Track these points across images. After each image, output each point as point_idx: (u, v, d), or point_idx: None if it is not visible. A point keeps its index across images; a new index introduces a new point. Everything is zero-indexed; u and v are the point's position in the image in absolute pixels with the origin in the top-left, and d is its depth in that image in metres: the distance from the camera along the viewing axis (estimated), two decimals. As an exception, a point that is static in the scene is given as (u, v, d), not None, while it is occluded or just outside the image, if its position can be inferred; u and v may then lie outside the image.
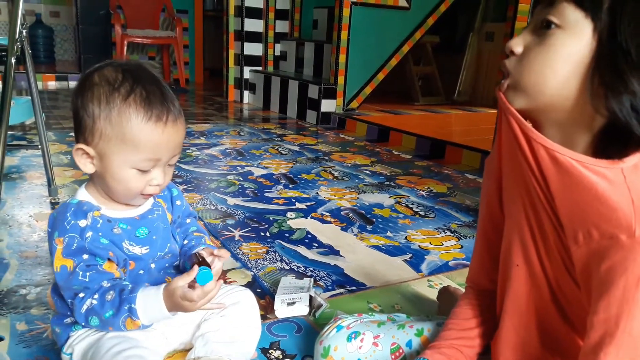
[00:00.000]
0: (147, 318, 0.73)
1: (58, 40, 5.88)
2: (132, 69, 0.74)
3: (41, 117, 1.72)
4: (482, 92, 4.52)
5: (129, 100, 0.71)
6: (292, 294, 1.08)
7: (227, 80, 4.37)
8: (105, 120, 0.71)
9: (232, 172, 2.18)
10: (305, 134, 3.16)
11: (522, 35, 0.58)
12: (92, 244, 0.73)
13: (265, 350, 0.95)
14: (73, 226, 0.73)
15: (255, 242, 1.46)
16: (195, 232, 0.90)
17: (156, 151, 0.73)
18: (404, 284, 1.26)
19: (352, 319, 0.85)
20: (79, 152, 0.74)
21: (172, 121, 0.73)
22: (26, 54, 1.60)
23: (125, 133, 0.71)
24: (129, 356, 0.73)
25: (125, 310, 0.72)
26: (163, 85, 0.75)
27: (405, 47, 3.80)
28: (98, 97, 0.71)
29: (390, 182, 2.15)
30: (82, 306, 0.73)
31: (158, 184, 0.76)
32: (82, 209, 0.75)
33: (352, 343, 0.80)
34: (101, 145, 0.72)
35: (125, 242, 0.77)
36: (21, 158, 2.19)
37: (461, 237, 1.58)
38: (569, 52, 0.53)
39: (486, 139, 2.73)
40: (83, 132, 0.73)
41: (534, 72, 0.56)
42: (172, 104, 0.74)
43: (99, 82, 0.72)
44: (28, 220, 1.51)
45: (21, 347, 0.91)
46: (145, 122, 0.71)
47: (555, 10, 0.54)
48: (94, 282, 0.73)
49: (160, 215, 0.83)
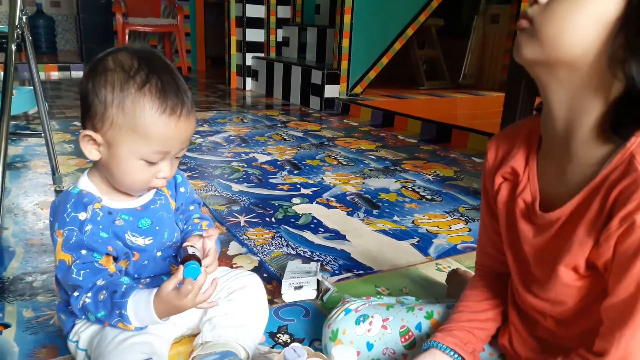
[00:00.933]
0: (139, 323, 0.72)
1: (59, 30, 5.85)
2: (147, 57, 0.71)
3: (44, 105, 1.71)
4: (488, 76, 4.47)
5: (144, 90, 0.68)
6: (299, 278, 1.07)
7: (229, 67, 4.34)
8: (117, 108, 0.68)
9: (236, 159, 2.17)
10: (309, 120, 3.14)
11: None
12: (91, 237, 0.72)
13: (273, 335, 0.94)
14: (72, 219, 0.72)
15: (261, 227, 1.45)
16: (196, 219, 0.88)
17: (167, 144, 0.71)
18: (412, 267, 1.25)
19: (361, 302, 0.84)
20: (85, 139, 0.71)
21: (185, 115, 0.71)
22: (27, 41, 1.58)
23: (138, 123, 0.68)
24: (135, 343, 0.72)
25: (117, 315, 0.71)
26: (177, 75, 0.73)
27: (409, 30, 3.74)
28: (112, 83, 0.68)
29: (396, 167, 2.13)
30: (77, 303, 0.73)
31: (165, 177, 0.74)
32: (82, 200, 0.73)
33: (360, 326, 0.79)
34: (110, 133, 0.70)
35: (128, 233, 0.76)
36: (25, 147, 2.18)
37: (469, 220, 1.56)
38: (596, 8, 0.50)
39: (492, 122, 2.70)
40: (92, 118, 0.70)
41: (556, 23, 0.53)
42: (186, 95, 0.72)
43: (113, 67, 0.69)
44: (33, 208, 1.51)
45: (28, 333, 0.91)
46: (160, 115, 0.69)
47: None
48: (87, 281, 0.72)
49: (163, 204, 0.82)
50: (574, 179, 0.59)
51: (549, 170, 0.63)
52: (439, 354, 0.70)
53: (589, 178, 0.56)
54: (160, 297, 0.70)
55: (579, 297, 0.60)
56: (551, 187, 0.62)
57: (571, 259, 0.57)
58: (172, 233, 0.82)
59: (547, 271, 0.61)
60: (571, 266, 0.58)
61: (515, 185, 0.66)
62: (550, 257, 0.61)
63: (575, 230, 0.56)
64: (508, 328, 0.73)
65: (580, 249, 0.56)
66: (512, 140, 0.68)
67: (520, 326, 0.70)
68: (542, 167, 0.64)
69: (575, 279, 0.58)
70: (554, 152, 0.61)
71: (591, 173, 0.56)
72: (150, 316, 0.71)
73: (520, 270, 0.68)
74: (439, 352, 0.70)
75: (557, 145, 0.59)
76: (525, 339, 0.69)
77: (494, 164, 0.70)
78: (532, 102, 1.60)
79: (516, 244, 0.66)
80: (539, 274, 0.64)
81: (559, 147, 0.59)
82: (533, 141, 0.65)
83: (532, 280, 0.65)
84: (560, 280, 0.59)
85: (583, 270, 0.57)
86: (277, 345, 0.91)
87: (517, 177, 0.66)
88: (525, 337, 0.70)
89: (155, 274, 0.82)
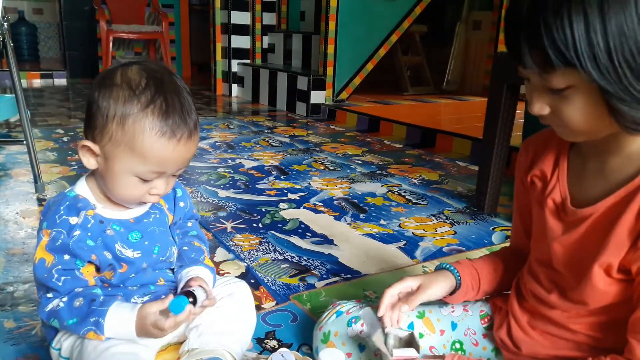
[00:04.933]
0: (112, 334, 0.71)
1: (42, 37, 5.78)
2: (157, 76, 0.70)
3: (26, 113, 1.68)
4: (471, 81, 4.52)
5: (147, 111, 0.68)
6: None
7: (214, 73, 4.33)
8: (118, 125, 0.68)
9: (222, 165, 2.16)
10: (296, 126, 3.14)
11: (537, 98, 0.57)
12: (77, 244, 0.71)
13: (261, 340, 0.93)
14: (63, 221, 0.71)
15: (248, 233, 1.44)
16: (196, 241, 0.87)
17: (163, 165, 0.71)
18: (399, 270, 1.25)
19: (352, 305, 0.84)
20: (84, 149, 0.71)
21: (185, 138, 0.70)
22: (8, 47, 1.56)
23: (136, 143, 0.68)
24: (116, 353, 0.70)
25: (91, 323, 0.69)
26: (185, 96, 0.71)
27: (393, 36, 3.78)
28: (115, 99, 0.68)
29: (382, 171, 2.14)
30: (47, 305, 0.71)
31: (158, 194, 0.74)
32: (76, 205, 0.72)
33: (352, 328, 0.79)
34: (108, 147, 0.69)
35: (118, 244, 0.75)
36: (6, 155, 2.14)
37: (454, 223, 1.57)
38: (595, 100, 0.53)
39: (476, 126, 2.72)
40: (93, 129, 0.70)
41: (578, 124, 0.56)
42: (190, 118, 0.71)
43: (120, 83, 0.69)
44: (14, 217, 1.48)
45: (9, 344, 0.89)
46: (158, 138, 0.68)
47: (555, 78, 0.53)
48: (66, 287, 0.71)
49: (158, 218, 0.81)
50: (613, 176, 0.59)
51: (585, 167, 0.64)
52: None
53: (632, 175, 0.57)
54: (141, 314, 0.70)
55: (603, 301, 0.60)
56: (585, 185, 0.63)
57: (605, 259, 0.58)
58: (165, 248, 0.80)
59: (577, 271, 0.62)
60: (604, 266, 0.58)
61: (545, 186, 0.68)
62: (582, 256, 0.61)
63: (612, 230, 0.57)
64: (507, 319, 0.74)
65: (616, 249, 0.57)
66: (543, 142, 0.70)
67: (521, 317, 0.71)
68: (575, 165, 0.66)
69: (607, 282, 0.59)
70: (596, 147, 0.62)
71: (635, 170, 0.57)
72: (128, 330, 0.70)
73: (542, 265, 0.69)
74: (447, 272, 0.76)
75: (600, 140, 0.59)
76: (527, 331, 0.70)
77: (525, 165, 0.73)
78: (514, 106, 1.63)
79: (542, 240, 0.68)
80: (567, 273, 0.64)
81: (601, 141, 0.59)
82: (564, 141, 0.66)
83: (555, 278, 0.66)
84: (591, 281, 0.60)
85: (615, 272, 0.58)
86: (264, 351, 0.90)
87: (546, 179, 0.68)
88: (526, 328, 0.71)
89: (143, 283, 0.81)
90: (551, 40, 0.49)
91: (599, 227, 0.59)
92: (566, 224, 0.64)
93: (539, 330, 0.69)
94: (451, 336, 0.78)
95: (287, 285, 1.15)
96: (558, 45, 0.49)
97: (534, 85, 0.57)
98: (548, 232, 0.66)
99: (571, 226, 0.63)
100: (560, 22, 0.48)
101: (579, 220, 0.62)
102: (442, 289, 0.75)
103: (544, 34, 0.50)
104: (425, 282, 0.74)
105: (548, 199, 0.67)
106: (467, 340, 0.78)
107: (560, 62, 0.50)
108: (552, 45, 0.50)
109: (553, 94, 0.55)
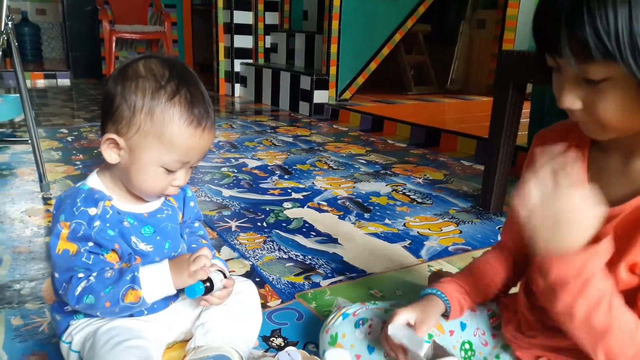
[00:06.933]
0: (149, 289, 0.72)
1: (45, 38, 5.79)
2: (177, 67, 0.72)
3: (30, 112, 1.69)
4: (475, 80, 4.51)
5: (174, 100, 0.70)
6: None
7: (217, 73, 4.33)
8: (146, 115, 0.69)
9: (226, 164, 2.16)
10: (299, 126, 3.14)
11: (569, 91, 0.55)
12: (99, 234, 0.72)
13: (267, 338, 0.93)
14: (82, 213, 0.71)
15: (252, 232, 1.44)
16: (203, 239, 0.90)
17: (189, 154, 0.72)
18: (405, 269, 1.25)
19: (357, 307, 0.83)
20: (107, 142, 0.72)
21: (209, 127, 0.73)
22: (13, 47, 1.57)
23: (165, 132, 0.70)
24: (129, 347, 0.71)
25: (128, 281, 0.71)
26: (203, 88, 0.74)
27: (396, 36, 3.78)
28: (143, 90, 0.69)
29: (386, 171, 2.14)
30: (78, 285, 0.71)
31: (179, 185, 0.76)
32: (93, 196, 0.73)
33: (360, 329, 0.79)
34: (135, 139, 0.70)
35: (134, 236, 0.76)
36: (11, 155, 2.15)
37: (460, 223, 1.57)
38: (632, 95, 0.51)
39: (481, 126, 2.72)
40: (117, 122, 0.71)
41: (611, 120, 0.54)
42: (211, 108, 0.74)
43: (145, 74, 0.70)
44: (20, 216, 1.48)
45: (17, 342, 0.89)
46: (187, 126, 0.70)
47: (593, 68, 0.51)
48: (96, 265, 0.72)
49: (170, 215, 0.82)
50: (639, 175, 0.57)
51: (607, 166, 0.62)
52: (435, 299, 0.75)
53: None
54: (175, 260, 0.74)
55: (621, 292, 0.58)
56: (606, 185, 0.60)
57: (632, 258, 0.56)
58: (175, 244, 0.82)
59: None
60: (629, 264, 0.57)
61: None
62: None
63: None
64: (516, 317, 0.73)
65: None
66: (560, 137, 0.67)
67: (531, 315, 0.71)
68: (596, 163, 0.63)
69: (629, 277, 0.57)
70: (620, 145, 0.60)
71: None
72: (163, 276, 0.72)
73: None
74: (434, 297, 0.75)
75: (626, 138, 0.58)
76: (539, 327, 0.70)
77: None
78: (521, 105, 1.62)
79: None
80: None
81: (628, 139, 0.58)
82: (585, 135, 0.63)
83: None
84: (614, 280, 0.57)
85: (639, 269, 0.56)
86: (270, 349, 0.90)
87: None
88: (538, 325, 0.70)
89: None
90: (593, 30, 0.48)
91: (627, 227, 0.57)
92: None
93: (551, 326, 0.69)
94: (461, 336, 0.78)
95: (292, 283, 1.15)
96: (601, 35, 0.48)
97: (567, 76, 0.54)
98: None
99: None
100: (604, 11, 0.47)
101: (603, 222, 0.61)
102: (437, 314, 0.74)
103: (587, 23, 0.48)
104: (421, 316, 0.72)
105: None
106: (476, 341, 0.78)
107: (600, 53, 0.48)
108: (594, 35, 0.48)
109: (587, 87, 0.53)
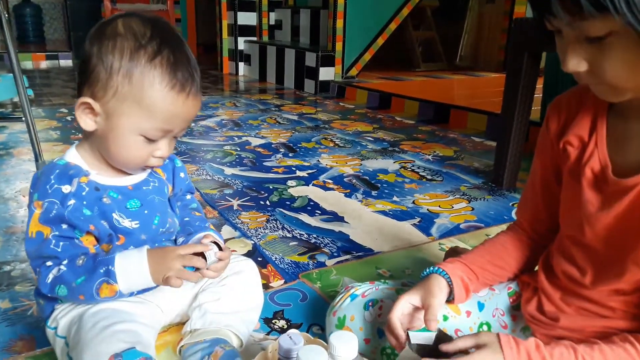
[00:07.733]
0: (125, 282, 0.66)
1: (47, 19, 5.72)
2: (160, 26, 0.65)
3: (24, 90, 1.63)
4: (485, 56, 4.39)
5: (155, 62, 0.63)
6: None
7: (221, 52, 4.24)
8: (124, 77, 0.62)
9: (228, 143, 2.09)
10: (304, 104, 3.06)
11: (572, 53, 0.50)
12: (73, 214, 0.66)
13: (269, 320, 0.88)
14: (55, 191, 0.65)
15: (255, 211, 1.38)
16: (196, 212, 0.83)
17: (171, 122, 0.66)
18: (414, 248, 1.19)
19: (367, 287, 0.77)
20: (82, 107, 0.65)
21: (194, 93, 0.66)
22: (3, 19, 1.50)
23: (144, 96, 0.63)
24: (116, 331, 0.66)
25: (101, 274, 0.65)
26: (188, 49, 0.67)
27: (404, 10, 3.65)
28: (121, 50, 0.62)
29: (394, 148, 2.07)
30: (48, 274, 0.66)
31: (162, 156, 0.69)
32: (68, 172, 0.67)
33: (369, 311, 0.73)
34: (112, 103, 0.64)
35: (116, 212, 0.69)
36: (9, 134, 2.10)
37: (472, 200, 1.50)
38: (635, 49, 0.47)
39: (491, 101, 2.63)
40: (92, 85, 0.64)
41: (620, 78, 0.49)
42: (197, 72, 0.67)
43: (124, 32, 0.63)
44: (14, 195, 1.44)
45: (4, 325, 0.85)
46: (169, 90, 0.63)
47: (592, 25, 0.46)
48: (65, 253, 0.66)
49: (157, 187, 0.75)
50: None
51: (627, 131, 0.57)
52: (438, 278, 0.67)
53: None
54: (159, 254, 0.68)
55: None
56: (627, 152, 0.56)
57: None
58: (164, 219, 0.75)
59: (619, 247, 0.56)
60: None
61: (582, 153, 0.60)
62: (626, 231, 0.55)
63: None
64: (536, 295, 0.67)
65: None
66: (577, 103, 0.62)
67: (553, 293, 0.65)
68: (615, 129, 0.58)
69: None
70: (638, 108, 0.55)
71: None
72: (140, 270, 0.66)
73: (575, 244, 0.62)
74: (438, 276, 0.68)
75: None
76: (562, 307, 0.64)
77: (556, 131, 0.64)
78: (536, 76, 1.53)
79: (575, 215, 0.60)
80: (606, 251, 0.58)
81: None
82: (602, 100, 0.58)
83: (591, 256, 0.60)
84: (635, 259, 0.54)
85: None
86: (272, 332, 0.85)
87: (584, 145, 0.60)
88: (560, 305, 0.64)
89: None
90: None
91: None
92: (606, 195, 0.57)
93: (574, 306, 0.63)
94: (478, 317, 0.72)
95: (296, 263, 1.10)
96: None
97: (568, 38, 0.50)
98: (584, 206, 0.59)
99: (612, 198, 0.56)
100: None
101: (622, 191, 0.54)
102: (441, 291, 0.66)
103: None
104: (425, 295, 0.65)
105: (586, 167, 0.59)
106: (494, 322, 0.72)
107: (591, 5, 0.44)
108: None
109: (590, 46, 0.48)
